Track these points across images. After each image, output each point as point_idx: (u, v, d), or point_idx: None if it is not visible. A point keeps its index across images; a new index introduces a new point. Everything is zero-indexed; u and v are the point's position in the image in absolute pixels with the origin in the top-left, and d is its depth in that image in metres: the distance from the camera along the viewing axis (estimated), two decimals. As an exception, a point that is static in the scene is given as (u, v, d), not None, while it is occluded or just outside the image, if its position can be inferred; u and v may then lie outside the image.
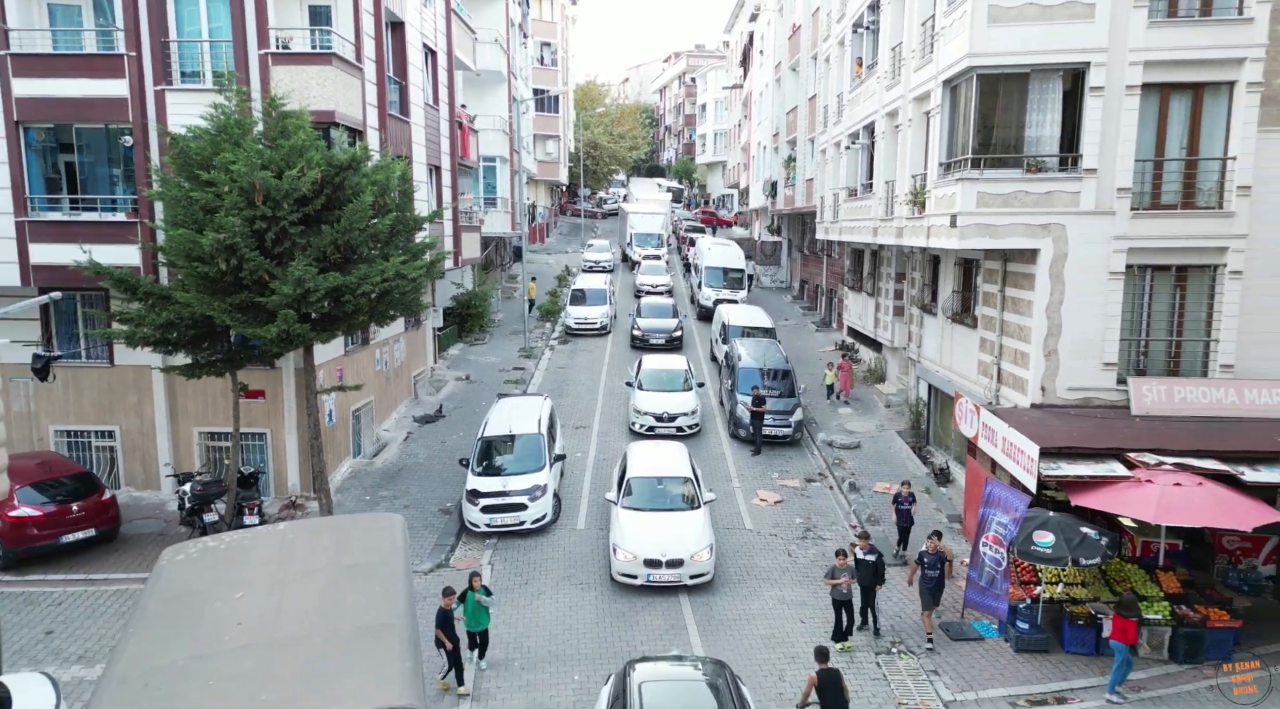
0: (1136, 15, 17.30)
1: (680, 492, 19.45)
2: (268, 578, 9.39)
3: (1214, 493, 15.13)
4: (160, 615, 8.91)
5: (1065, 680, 15.08)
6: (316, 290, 16.10)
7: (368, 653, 7.91)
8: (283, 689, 7.39)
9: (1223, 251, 17.83)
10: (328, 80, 19.50)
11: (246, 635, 8.24)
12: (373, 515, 14.98)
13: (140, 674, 7.79)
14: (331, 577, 9.32)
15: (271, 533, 10.91)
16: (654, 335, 37.69)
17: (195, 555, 10.14)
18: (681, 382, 28.01)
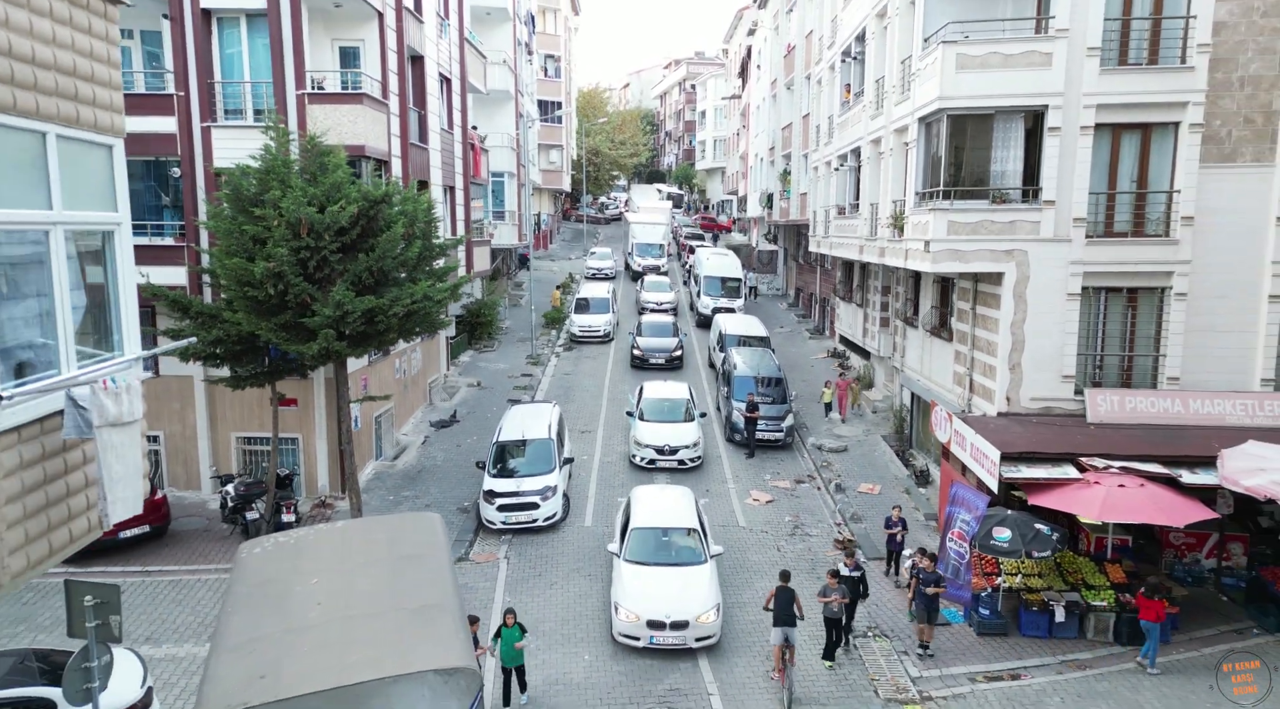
0: (1089, 63, 19.20)
1: (686, 544, 18.41)
2: (335, 567, 11.31)
3: (1153, 493, 17.01)
4: (250, 598, 10.82)
5: (1020, 660, 17.00)
6: (353, 312, 18.03)
7: (427, 626, 9.83)
8: (364, 653, 9.31)
9: (1169, 275, 19.71)
10: (359, 118, 21.44)
11: (326, 613, 10.15)
12: (416, 514, 16.70)
13: (245, 644, 9.70)
14: (389, 566, 11.25)
15: (332, 530, 12.86)
16: (654, 355, 37.51)
17: (270, 549, 12.07)
18: (683, 412, 27.35)
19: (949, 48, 19.67)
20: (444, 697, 9.07)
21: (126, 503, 8.30)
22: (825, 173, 36.23)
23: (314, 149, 19.15)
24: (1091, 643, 17.49)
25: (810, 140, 40.30)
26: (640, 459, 26.42)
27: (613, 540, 19.28)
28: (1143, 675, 16.38)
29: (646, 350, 37.85)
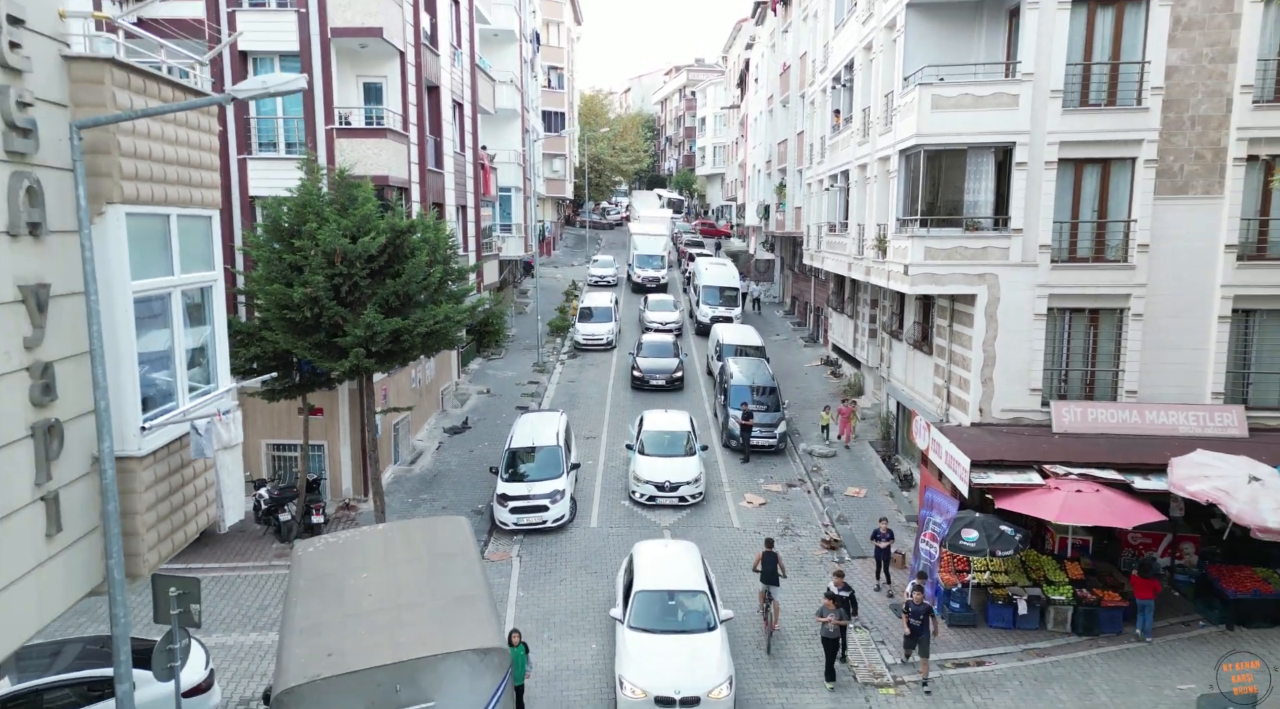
0: (1053, 104, 20.99)
1: (695, 608, 17.29)
2: (381, 563, 13.13)
3: (1107, 498, 18.80)
4: (309, 589, 12.64)
5: (985, 648, 18.82)
6: (381, 332, 19.86)
7: (466, 612, 11.66)
8: (413, 635, 11.11)
9: (1127, 297, 21.49)
10: (383, 150, 23.28)
11: (378, 602, 11.97)
12: (446, 517, 18.25)
13: (312, 627, 11.51)
14: (428, 562, 13.08)
15: (375, 532, 14.70)
16: (654, 376, 37.27)
17: (322, 548, 13.91)
18: (684, 445, 26.77)
19: (925, 89, 21.47)
20: (481, 672, 10.88)
21: (236, 509, 10.13)
22: (818, 190, 38.03)
23: (344, 182, 20.97)
24: (1051, 633, 19.30)
25: (804, 157, 42.08)
26: (640, 496, 25.75)
27: (615, 604, 18.16)
28: (1093, 660, 18.19)
29: (647, 371, 37.58)
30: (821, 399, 36.23)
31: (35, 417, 7.29)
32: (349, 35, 22.97)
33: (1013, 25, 22.15)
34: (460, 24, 32.82)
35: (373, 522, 23.49)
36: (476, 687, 10.80)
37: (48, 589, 7.58)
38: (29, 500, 7.21)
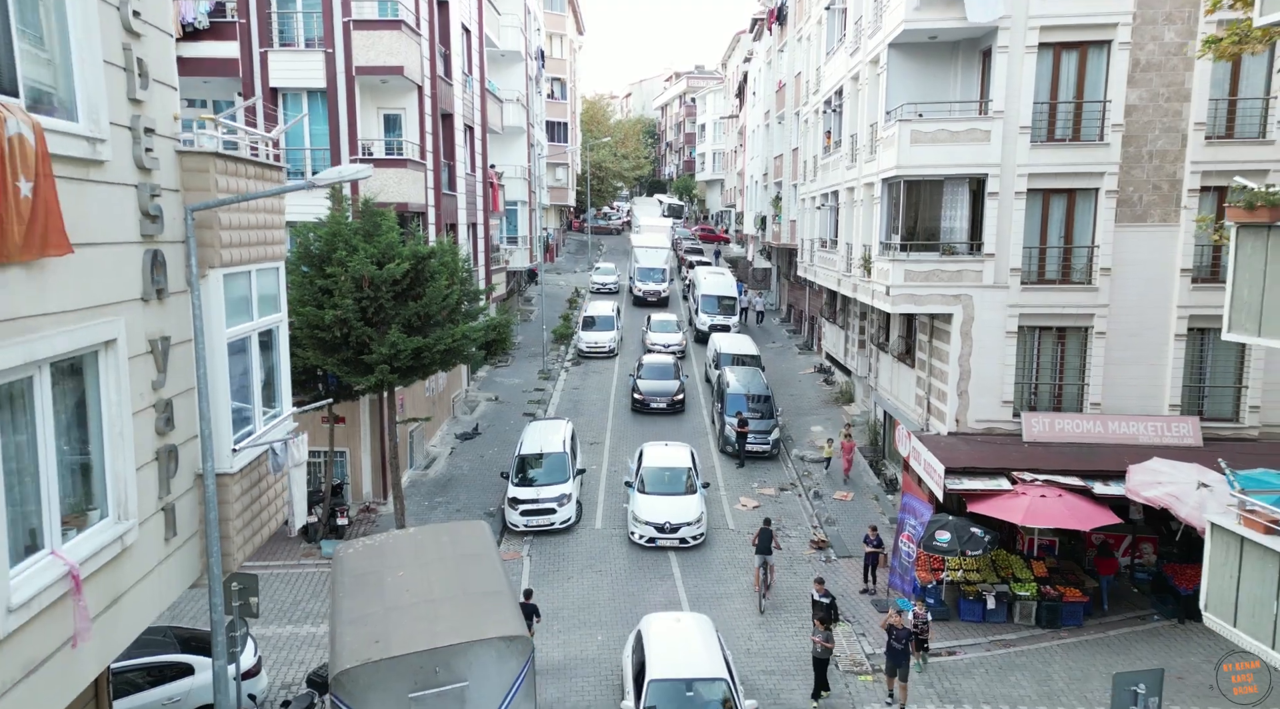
0: (1022, 139, 22.78)
1: (714, 697, 15.54)
2: (413, 563, 14.92)
3: (1068, 502, 20.59)
4: (352, 586, 14.43)
5: (956, 640, 20.62)
6: (404, 350, 21.67)
7: (492, 605, 13.46)
8: (447, 625, 12.90)
9: (1091, 317, 23.30)
10: (403, 179, 25.09)
11: (414, 597, 13.75)
12: (468, 522, 19.88)
13: (359, 619, 13.29)
14: (455, 562, 14.88)
15: (405, 535, 16.53)
16: (655, 399, 36.84)
17: (360, 549, 15.71)
18: (684, 482, 26.14)
19: (905, 125, 23.28)
20: (507, 656, 12.67)
21: (302, 516, 11.97)
22: (811, 206, 39.83)
23: (368, 211, 22.78)
24: (1017, 626, 21.12)
25: (799, 172, 43.85)
26: (639, 537, 24.96)
27: (625, 696, 16.52)
28: (1053, 650, 20.02)
29: (647, 394, 37.10)
30: (814, 406, 38.07)
31: (159, 443, 9.08)
32: (372, 73, 24.77)
33: (985, 66, 23.93)
34: (471, 52, 34.63)
35: (393, 523, 25.36)
36: (503, 669, 12.60)
37: (165, 582, 9.38)
38: (154, 511, 9.01)
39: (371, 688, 11.89)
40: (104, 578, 7.99)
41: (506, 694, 12.53)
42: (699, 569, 23.87)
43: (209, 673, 15.62)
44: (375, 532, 25.56)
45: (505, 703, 12.53)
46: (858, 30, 29.22)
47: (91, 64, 7.77)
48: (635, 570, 23.66)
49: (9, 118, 6.40)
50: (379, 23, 24.50)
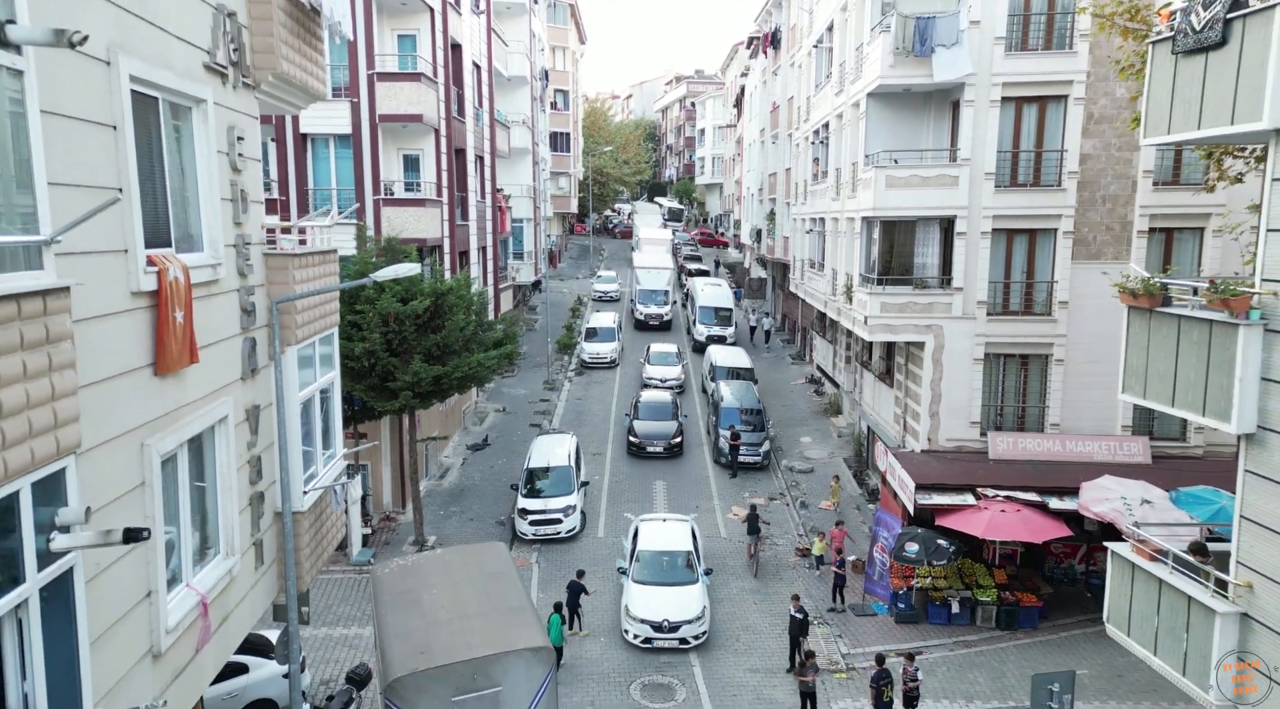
0: (987, 184, 24.99)
1: None
2: (446, 582, 17.13)
3: (1026, 517, 22.86)
4: (393, 603, 16.61)
5: (924, 641, 22.91)
6: (425, 378, 23.96)
7: (518, 620, 15.69)
8: (482, 637, 15.08)
9: (1051, 345, 25.54)
10: (421, 217, 27.37)
11: (449, 613, 15.95)
12: (488, 544, 21.61)
13: (403, 633, 15.47)
14: (481, 581, 17.09)
15: (434, 556, 18.79)
16: (652, 443, 35.08)
17: (394, 570, 17.94)
18: (685, 567, 23.55)
19: (880, 171, 25.52)
20: (534, 665, 14.91)
21: (358, 545, 14.24)
22: (801, 228, 42.03)
23: (392, 249, 25.04)
24: (979, 629, 23.41)
25: (791, 192, 46.03)
26: (633, 637, 22.17)
27: None
28: (1009, 650, 22.33)
29: (644, 437, 35.24)
30: (804, 417, 40.33)
31: (252, 491, 11.35)
32: (394, 120, 27.02)
33: (955, 116, 26.14)
34: (481, 86, 36.85)
35: (411, 531, 27.70)
36: (531, 675, 14.84)
37: (256, 601, 11.66)
38: (249, 545, 11.29)
39: (420, 693, 14.13)
40: (219, 602, 10.28)
41: (534, 697, 14.79)
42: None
43: (261, 671, 18.08)
44: (395, 539, 27.92)
45: (533, 705, 14.80)
46: (842, 73, 31.42)
47: (211, 204, 10.03)
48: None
49: (170, 266, 8.67)
50: (400, 75, 26.76)
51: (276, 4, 11.31)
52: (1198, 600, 11.55)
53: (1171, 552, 12.45)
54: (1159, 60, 12.26)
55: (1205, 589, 11.57)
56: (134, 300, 8.20)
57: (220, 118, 10.25)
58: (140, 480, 8.33)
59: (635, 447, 35.44)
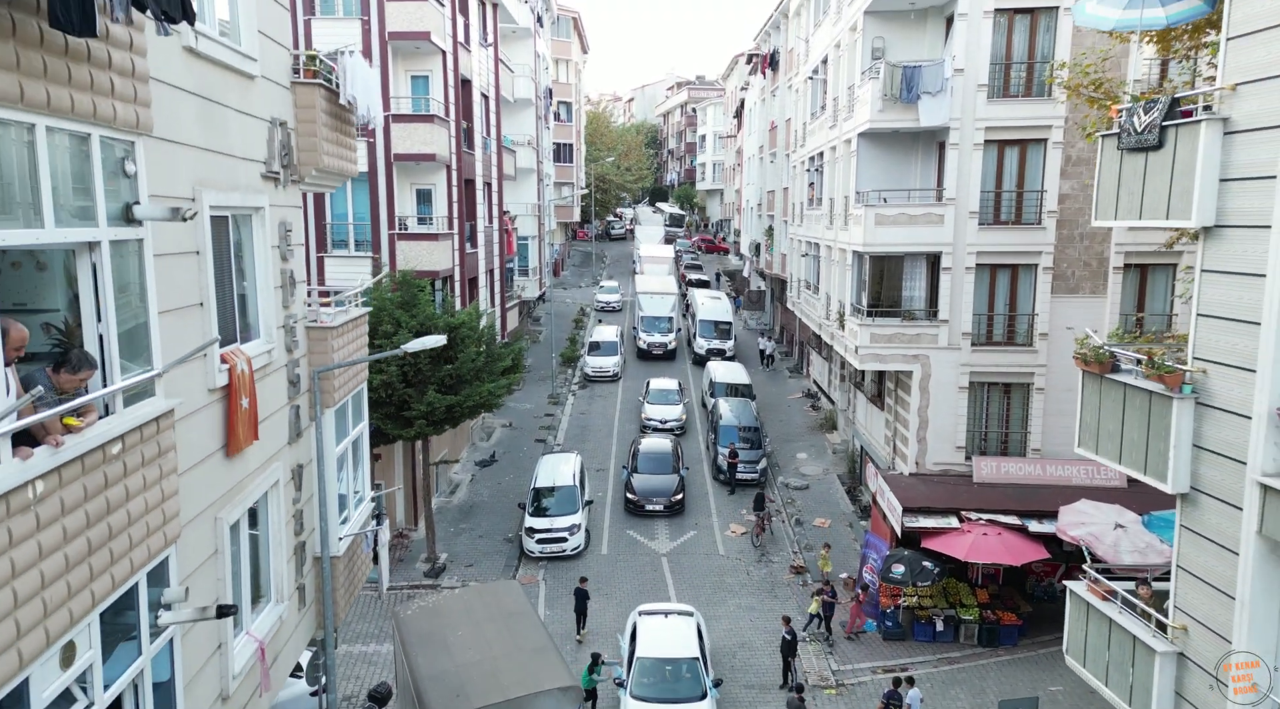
0: (971, 222, 26.34)
1: None
2: (469, 623, 18.32)
3: (1005, 539, 24.25)
4: (420, 645, 17.76)
5: (910, 657, 24.31)
6: (440, 407, 25.36)
7: (544, 661, 16.89)
8: (512, 678, 16.27)
9: (1032, 375, 26.90)
10: (434, 250, 28.75)
11: (477, 654, 17.15)
12: (502, 582, 22.82)
13: (437, 675, 16.61)
14: (503, 621, 18.29)
15: (453, 596, 20.00)
16: (650, 501, 32.50)
17: (416, 612, 19.13)
18: (691, 678, 20.78)
19: (870, 209, 26.88)
20: (563, 703, 16.11)
21: (388, 576, 15.63)
22: (798, 250, 43.37)
23: (407, 283, 26.43)
24: (962, 646, 24.80)
25: (788, 212, 47.32)
26: None
27: None
28: (989, 667, 23.72)
29: (642, 494, 32.60)
30: (800, 432, 41.69)
31: (295, 541, 12.75)
32: (409, 159, 28.40)
33: (941, 156, 27.48)
34: (489, 115, 38.22)
35: (424, 548, 29.08)
36: (560, 714, 16.11)
37: (299, 640, 13.05)
38: (293, 590, 12.69)
39: (459, 733, 15.43)
40: (271, 644, 11.67)
41: None
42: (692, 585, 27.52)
43: (290, 690, 19.42)
44: (409, 556, 29.30)
45: None
46: (835, 108, 32.76)
47: (267, 295, 11.40)
48: (636, 596, 27.30)
49: (237, 360, 10.05)
50: (415, 117, 28.15)
51: (320, 107, 12.68)
52: (1141, 640, 12.92)
53: (1120, 594, 13.82)
54: (1108, 152, 13.62)
55: (1148, 630, 12.93)
56: (210, 396, 9.57)
57: (274, 216, 11.62)
58: (214, 549, 9.71)
59: (633, 504, 32.69)
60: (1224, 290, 11.43)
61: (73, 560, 6.21)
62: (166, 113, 8.35)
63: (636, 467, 33.80)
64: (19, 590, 5.58)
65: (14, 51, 5.70)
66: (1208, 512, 11.79)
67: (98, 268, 6.87)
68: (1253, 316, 10.81)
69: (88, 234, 6.68)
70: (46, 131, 6.15)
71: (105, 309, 6.95)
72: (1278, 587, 10.81)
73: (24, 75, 5.80)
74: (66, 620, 6.12)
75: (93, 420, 6.57)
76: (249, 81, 10.81)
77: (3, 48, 5.61)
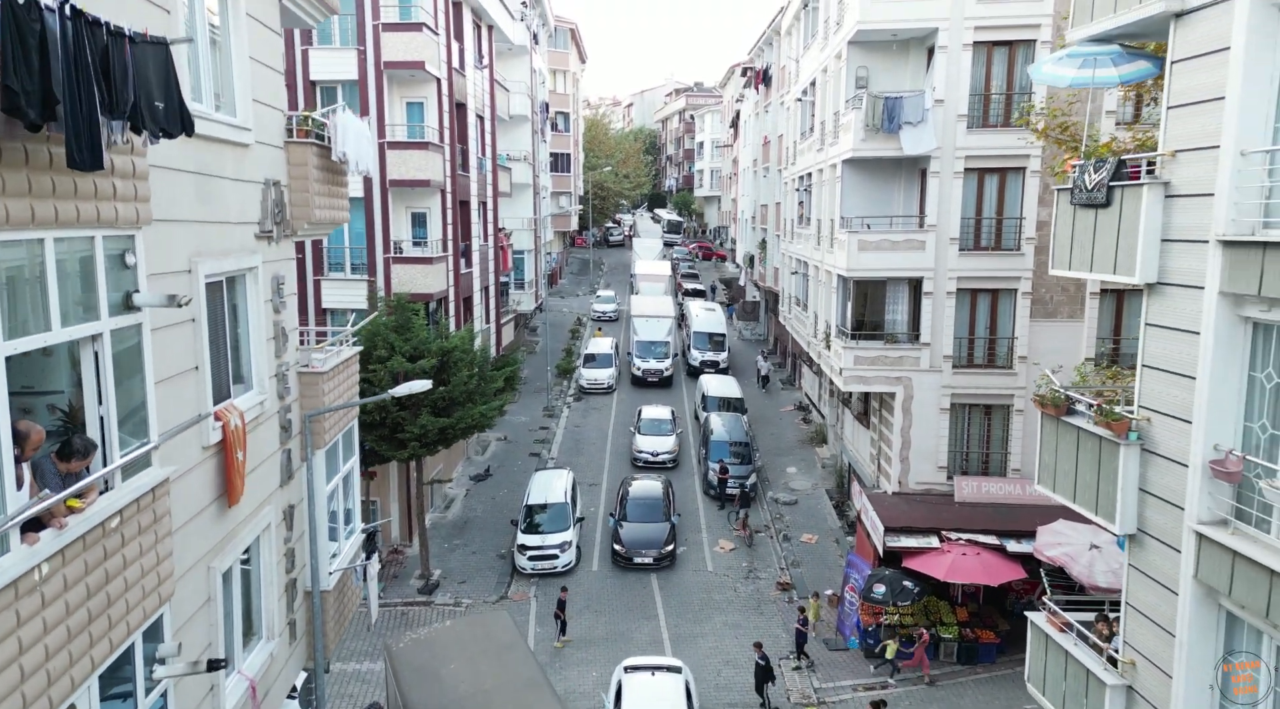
0: (951, 248, 26.96)
1: None
2: (461, 656, 18.83)
3: (984, 559, 24.87)
4: (414, 680, 18.17)
5: (890, 675, 24.92)
6: (433, 429, 26.00)
7: (536, 694, 17.26)
8: (505, 710, 17.00)
9: (1011, 396, 27.51)
10: (429, 273, 29.40)
11: (471, 688, 17.59)
12: (492, 613, 22.97)
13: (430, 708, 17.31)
14: (495, 654, 18.82)
15: (444, 629, 20.39)
16: (640, 554, 30.25)
17: (409, 645, 19.50)
18: None
19: (853, 235, 27.51)
20: None
21: (376, 610, 16.27)
22: (788, 267, 44.00)
23: (401, 306, 27.07)
24: (941, 663, 25.42)
25: (780, 227, 47.96)
26: None
27: None
28: (968, 684, 24.35)
29: (630, 545, 30.33)
30: (791, 446, 42.29)
31: (286, 579, 13.39)
32: (404, 186, 29.06)
33: (923, 182, 28.12)
34: (485, 135, 38.86)
35: (418, 565, 29.71)
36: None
37: (290, 672, 13.67)
38: (284, 626, 13.33)
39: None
40: (262, 681, 12.31)
41: None
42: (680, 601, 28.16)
43: (286, 710, 20.01)
44: (404, 572, 29.94)
45: None
46: (822, 131, 33.40)
47: (260, 348, 12.04)
48: (625, 613, 27.92)
49: (231, 417, 10.69)
50: (410, 144, 28.81)
51: (312, 164, 13.32)
52: (1094, 672, 13.55)
53: (1076, 626, 14.45)
54: (1063, 205, 14.26)
55: (1100, 663, 13.56)
56: (204, 453, 10.21)
57: (267, 272, 12.26)
58: (207, 597, 10.35)
59: (622, 557, 30.40)
60: (1165, 344, 12.06)
61: (74, 631, 6.84)
62: (164, 195, 8.97)
63: (624, 513, 31.49)
64: (25, 665, 6.21)
65: (26, 179, 6.34)
66: (1152, 553, 12.41)
67: (99, 355, 7.51)
68: (1189, 371, 11.43)
69: (91, 328, 7.32)
70: (54, 241, 6.79)
71: (106, 392, 7.59)
72: (1213, 629, 11.42)
73: (35, 198, 6.44)
74: (68, 687, 6.75)
75: (93, 499, 7.20)
76: (244, 149, 11.45)
77: (15, 176, 6.25)
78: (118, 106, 6.53)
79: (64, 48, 5.90)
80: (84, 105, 6.12)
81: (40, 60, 5.71)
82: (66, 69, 5.92)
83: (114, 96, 6.48)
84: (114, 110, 6.50)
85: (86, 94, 6.14)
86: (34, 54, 5.65)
